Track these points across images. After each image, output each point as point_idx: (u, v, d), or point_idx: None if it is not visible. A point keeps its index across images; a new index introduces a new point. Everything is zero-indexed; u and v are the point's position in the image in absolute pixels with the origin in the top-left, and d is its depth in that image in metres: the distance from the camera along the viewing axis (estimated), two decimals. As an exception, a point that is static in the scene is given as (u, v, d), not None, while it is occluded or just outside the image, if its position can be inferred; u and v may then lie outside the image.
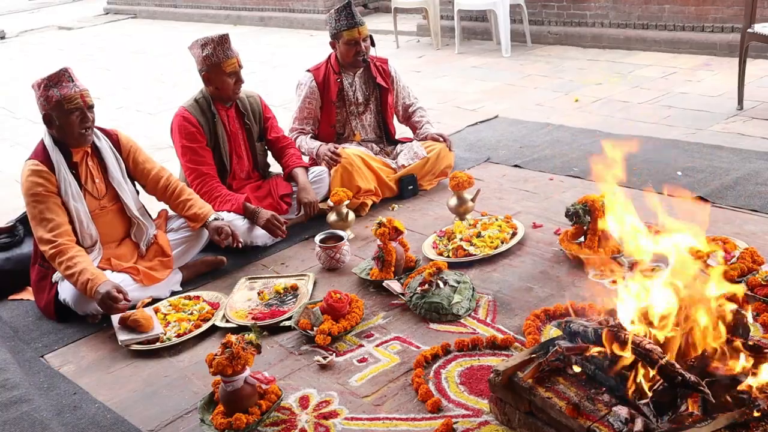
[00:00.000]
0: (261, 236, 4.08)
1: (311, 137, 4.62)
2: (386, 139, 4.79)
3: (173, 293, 3.73)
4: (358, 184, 4.36)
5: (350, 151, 4.44)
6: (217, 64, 4.01)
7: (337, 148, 4.43)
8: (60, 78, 3.45)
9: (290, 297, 3.55)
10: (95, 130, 3.62)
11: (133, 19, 15.19)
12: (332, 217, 4.08)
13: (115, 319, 3.37)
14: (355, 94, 4.64)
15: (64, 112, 3.44)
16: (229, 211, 4.01)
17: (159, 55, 10.91)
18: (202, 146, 4.10)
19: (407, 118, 4.87)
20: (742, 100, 5.46)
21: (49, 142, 3.53)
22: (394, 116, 4.86)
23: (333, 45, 4.56)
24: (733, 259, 3.23)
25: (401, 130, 5.00)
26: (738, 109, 5.45)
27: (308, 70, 4.64)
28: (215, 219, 3.83)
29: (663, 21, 7.45)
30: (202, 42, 4.04)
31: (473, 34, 9.07)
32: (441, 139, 4.67)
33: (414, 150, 4.61)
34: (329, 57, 4.63)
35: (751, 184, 4.13)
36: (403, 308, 3.36)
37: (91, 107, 3.52)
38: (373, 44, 4.61)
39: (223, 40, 4.02)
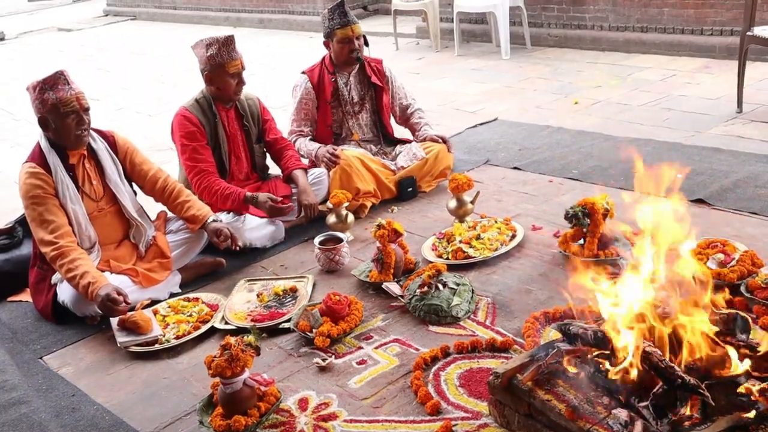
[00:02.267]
0: (260, 238, 4.08)
1: (310, 140, 4.63)
2: (384, 139, 4.80)
3: (172, 295, 3.72)
4: (357, 186, 4.36)
5: (349, 152, 4.44)
6: (221, 65, 4.02)
7: (335, 150, 4.44)
8: (55, 81, 3.43)
9: (289, 299, 3.54)
10: (91, 131, 3.62)
11: (132, 21, 15.20)
12: (331, 219, 4.08)
13: (114, 320, 3.37)
14: (350, 94, 4.65)
15: (60, 115, 3.43)
16: (228, 211, 4.02)
17: (159, 57, 10.92)
18: (202, 145, 4.10)
19: (405, 120, 4.88)
20: (742, 103, 5.46)
21: (45, 145, 3.53)
22: (391, 116, 4.86)
23: (327, 45, 4.60)
24: (733, 262, 3.23)
25: (400, 131, 5.00)
26: (737, 111, 5.45)
27: (303, 72, 4.66)
28: (214, 220, 3.83)
29: (662, 24, 7.46)
30: (207, 42, 4.04)
31: (473, 36, 9.08)
32: (440, 140, 4.68)
33: (413, 151, 4.62)
34: (323, 58, 4.66)
35: (751, 187, 4.13)
36: (403, 310, 3.36)
37: (87, 110, 3.51)
38: (366, 44, 4.63)
39: (228, 41, 4.04)
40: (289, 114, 4.71)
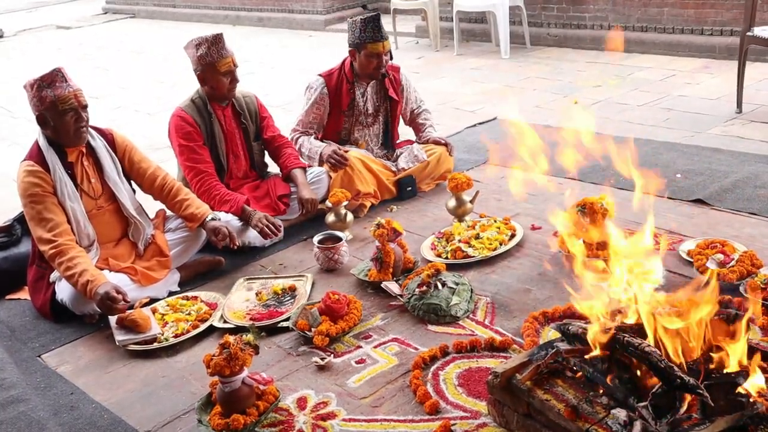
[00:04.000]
0: (258, 237, 4.06)
1: (313, 139, 4.60)
2: (389, 145, 4.77)
3: (171, 293, 3.72)
4: (358, 188, 4.35)
5: (351, 153, 4.43)
6: (212, 64, 4.01)
7: (341, 149, 4.42)
8: (53, 78, 3.43)
9: (288, 298, 3.54)
10: (90, 129, 3.61)
11: (131, 19, 15.18)
12: (331, 218, 4.08)
13: (113, 319, 3.36)
14: (365, 105, 4.60)
15: (59, 112, 3.42)
16: (227, 212, 4.01)
17: (158, 55, 10.90)
18: (200, 145, 4.09)
19: (412, 120, 4.86)
20: (741, 103, 5.47)
21: (43, 143, 3.52)
22: (400, 121, 4.84)
23: (352, 54, 4.48)
24: (732, 262, 3.23)
25: (402, 133, 4.98)
26: (737, 112, 5.46)
27: (320, 75, 4.57)
28: (212, 219, 3.82)
29: (662, 24, 7.46)
30: (196, 42, 4.04)
31: (472, 35, 9.08)
32: (443, 143, 4.67)
33: (414, 153, 4.61)
34: (343, 64, 4.56)
35: (750, 187, 4.13)
36: (402, 310, 3.36)
37: (85, 107, 3.51)
38: (391, 57, 4.58)
39: (217, 40, 4.02)
40: (297, 112, 4.65)
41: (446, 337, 3.11)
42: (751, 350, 2.27)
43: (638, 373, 2.27)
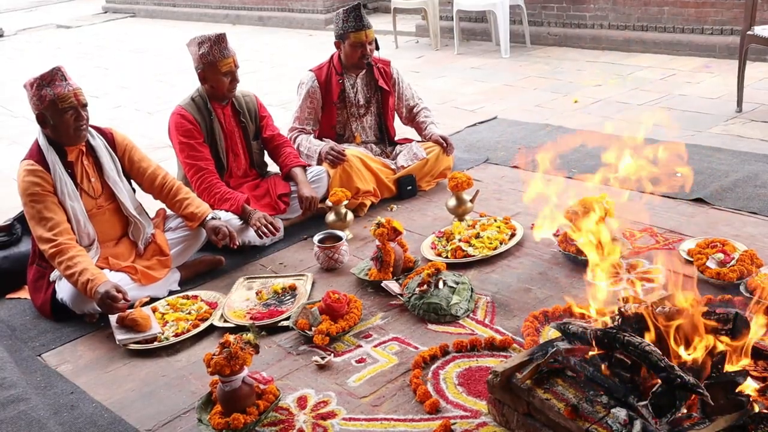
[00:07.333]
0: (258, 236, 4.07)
1: (312, 137, 4.61)
2: (386, 140, 4.79)
3: (171, 293, 3.72)
4: (357, 186, 4.36)
5: (350, 152, 4.43)
6: (213, 63, 4.01)
7: (338, 147, 4.43)
8: (53, 77, 3.43)
9: (288, 297, 3.54)
10: (90, 128, 3.61)
11: (131, 18, 15.19)
12: (331, 217, 4.08)
13: (113, 318, 3.36)
14: (356, 96, 4.63)
15: (58, 111, 3.42)
16: (227, 211, 4.01)
17: (157, 55, 10.91)
18: (200, 142, 4.10)
19: (411, 119, 4.85)
20: (742, 103, 5.47)
21: (43, 142, 3.52)
22: (395, 118, 4.85)
23: (338, 45, 4.55)
24: (732, 262, 3.23)
25: (401, 131, 4.99)
26: (737, 111, 5.46)
27: (311, 70, 4.63)
28: (213, 218, 3.82)
29: (662, 23, 7.45)
30: (199, 40, 4.04)
31: (472, 34, 9.08)
32: (443, 144, 4.65)
33: (413, 151, 4.61)
34: (332, 57, 4.62)
35: (750, 186, 4.13)
36: (402, 309, 3.36)
37: (84, 106, 3.51)
38: (377, 48, 4.60)
39: (219, 39, 4.02)
40: (293, 110, 4.68)
41: (446, 336, 3.11)
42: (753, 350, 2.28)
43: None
